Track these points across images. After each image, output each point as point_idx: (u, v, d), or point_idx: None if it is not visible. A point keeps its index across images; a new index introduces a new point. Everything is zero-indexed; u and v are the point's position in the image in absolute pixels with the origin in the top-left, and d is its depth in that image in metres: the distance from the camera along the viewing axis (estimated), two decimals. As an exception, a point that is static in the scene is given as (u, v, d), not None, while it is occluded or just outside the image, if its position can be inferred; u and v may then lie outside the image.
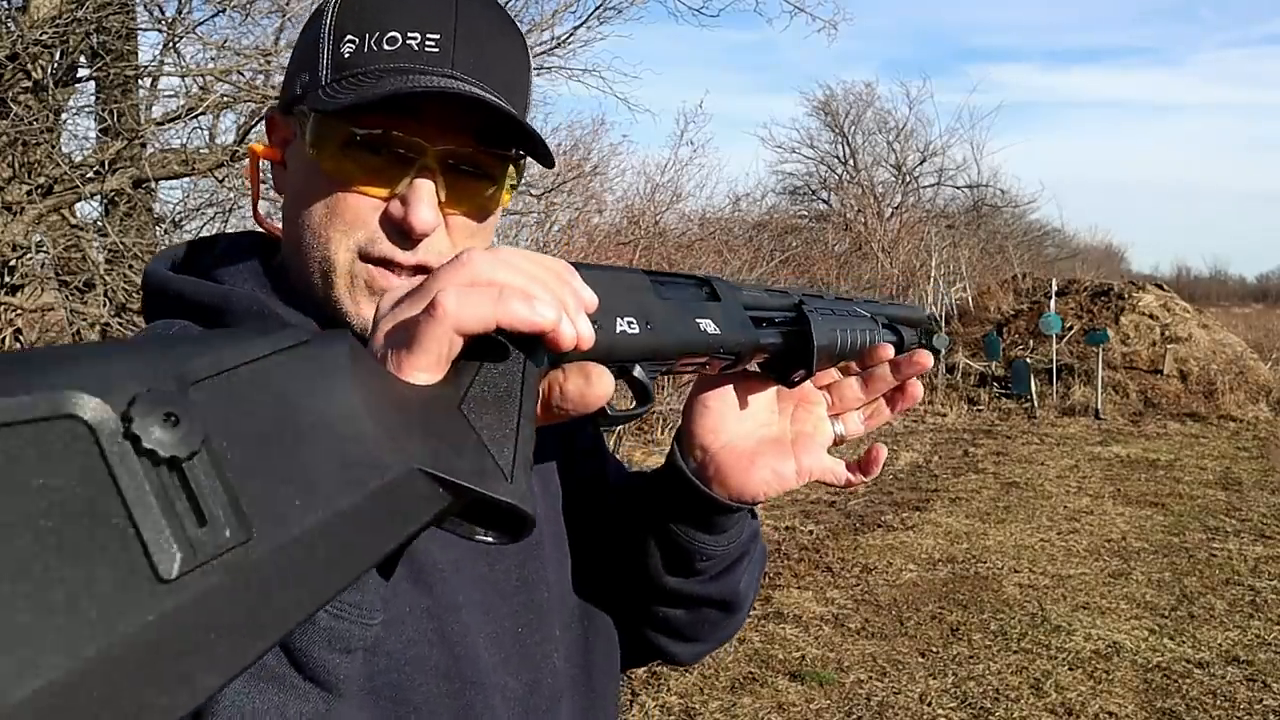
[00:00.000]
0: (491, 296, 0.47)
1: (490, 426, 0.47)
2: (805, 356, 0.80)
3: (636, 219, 9.99)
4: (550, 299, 0.50)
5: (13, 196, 4.46)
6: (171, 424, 0.31)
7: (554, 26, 6.12)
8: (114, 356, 0.33)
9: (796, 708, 3.81)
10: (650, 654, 1.00)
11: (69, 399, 0.29)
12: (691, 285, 0.73)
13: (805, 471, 0.87)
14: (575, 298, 0.53)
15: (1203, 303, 23.56)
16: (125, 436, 0.30)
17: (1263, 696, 3.99)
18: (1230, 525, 6.70)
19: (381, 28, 0.74)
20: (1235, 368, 12.19)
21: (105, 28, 4.61)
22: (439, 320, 0.47)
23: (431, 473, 0.42)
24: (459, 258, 0.50)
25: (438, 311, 0.47)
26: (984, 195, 23.00)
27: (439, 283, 0.48)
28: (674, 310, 0.67)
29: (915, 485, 7.96)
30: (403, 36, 0.73)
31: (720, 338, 0.71)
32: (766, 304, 0.81)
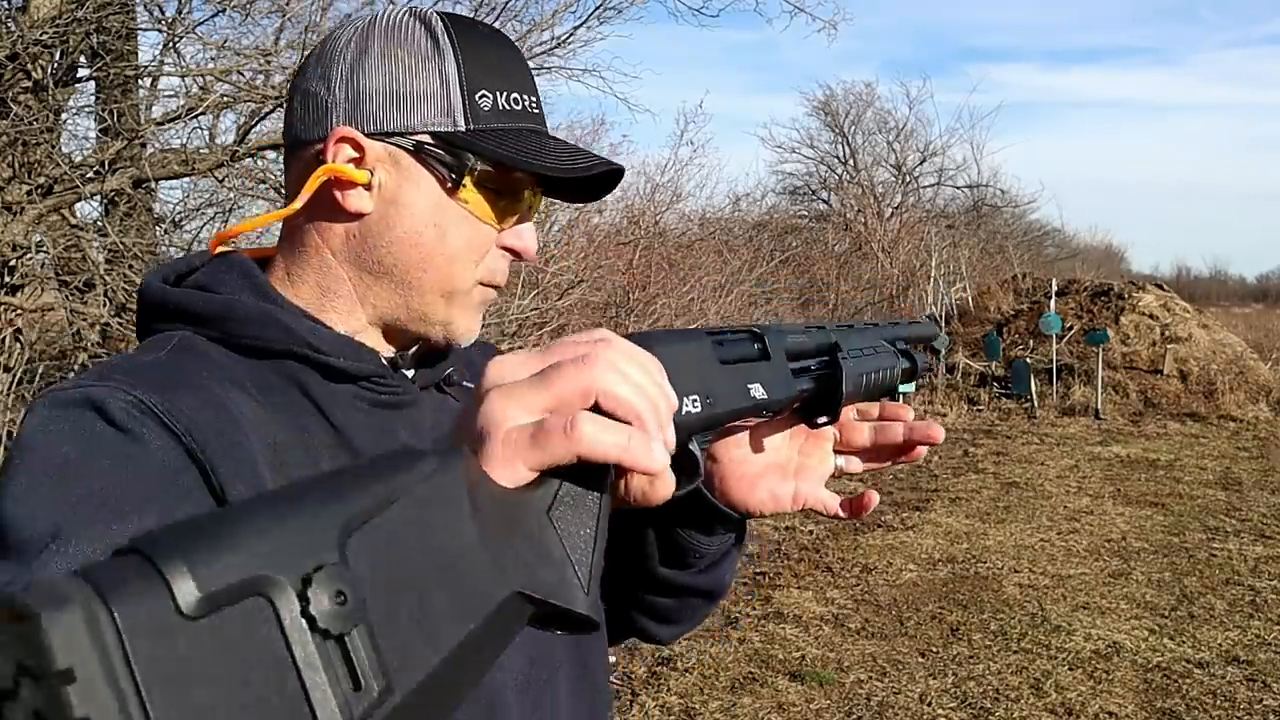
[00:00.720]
0: (623, 440, 0.49)
1: (572, 535, 0.50)
2: (832, 404, 0.82)
3: (636, 219, 9.99)
4: (660, 438, 0.52)
5: (13, 196, 4.46)
6: (340, 602, 0.37)
7: (554, 26, 6.12)
8: (288, 520, 0.38)
9: (796, 708, 3.81)
10: (631, 633, 1.07)
11: (259, 581, 0.35)
12: (745, 341, 0.74)
13: (801, 499, 0.95)
14: (669, 414, 0.54)
15: (1203, 303, 23.56)
16: (302, 614, 0.36)
17: (1263, 696, 3.99)
18: (1230, 525, 6.70)
19: (506, 86, 0.84)
20: (1235, 368, 12.20)
21: (105, 28, 4.61)
22: (572, 442, 0.48)
23: (527, 594, 0.46)
24: (586, 359, 0.51)
25: (574, 435, 0.48)
26: (984, 195, 23.01)
27: (571, 389, 0.50)
28: (731, 379, 0.69)
29: (915, 485, 7.96)
30: (523, 97, 0.84)
31: (767, 401, 0.73)
32: (806, 349, 0.83)
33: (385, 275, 0.83)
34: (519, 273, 7.19)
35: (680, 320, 9.22)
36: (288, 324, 0.81)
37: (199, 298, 0.81)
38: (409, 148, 0.81)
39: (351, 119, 0.81)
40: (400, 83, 0.81)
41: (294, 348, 0.80)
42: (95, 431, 0.70)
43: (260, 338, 0.80)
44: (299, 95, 0.85)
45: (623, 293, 9.02)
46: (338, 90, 0.82)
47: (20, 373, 4.68)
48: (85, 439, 0.70)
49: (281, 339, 0.80)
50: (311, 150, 0.82)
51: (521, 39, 5.88)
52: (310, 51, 0.88)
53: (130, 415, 0.71)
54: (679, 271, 9.85)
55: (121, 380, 0.73)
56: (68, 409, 0.71)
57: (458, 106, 0.81)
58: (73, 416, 0.71)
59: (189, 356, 0.78)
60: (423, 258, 0.83)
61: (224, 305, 0.80)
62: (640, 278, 9.21)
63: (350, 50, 0.82)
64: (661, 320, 9.12)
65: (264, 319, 0.80)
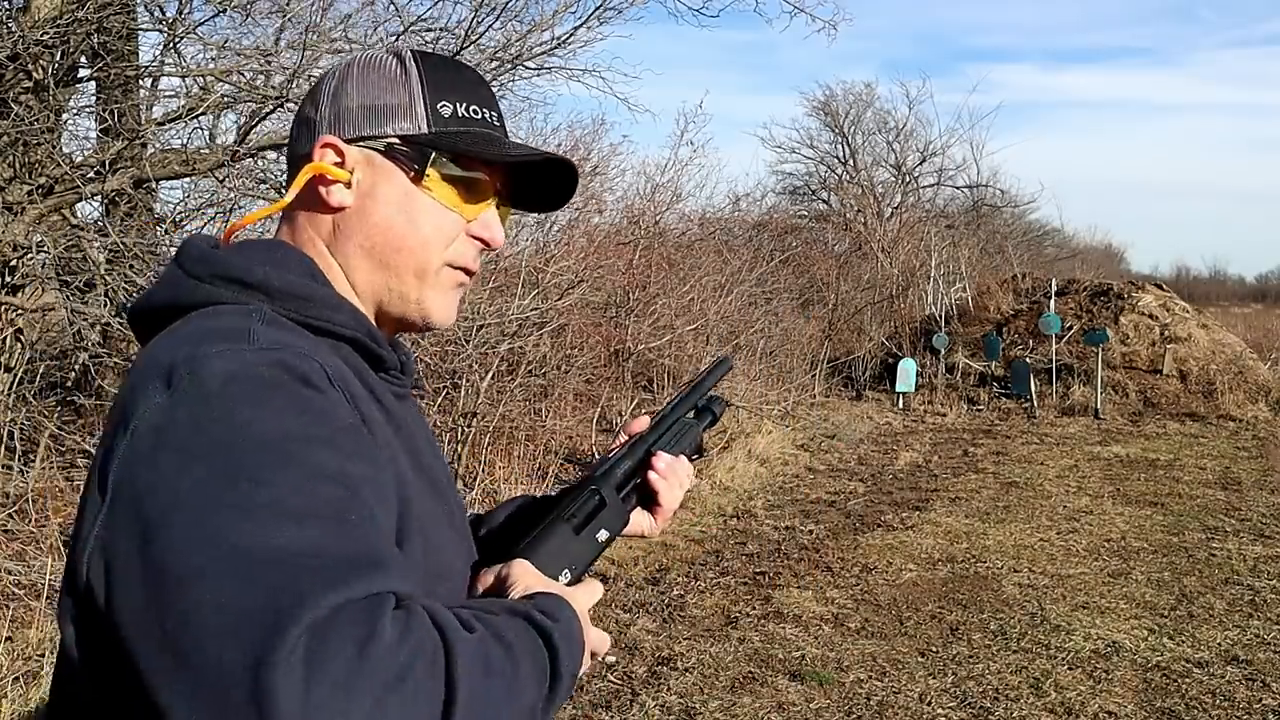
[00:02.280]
0: None
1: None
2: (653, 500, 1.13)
3: (636, 219, 9.99)
4: None
5: (13, 196, 4.47)
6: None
7: (554, 26, 6.12)
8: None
9: (796, 707, 3.81)
10: None
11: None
12: (590, 498, 1.03)
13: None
14: None
15: (1202, 303, 23.55)
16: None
17: (1262, 696, 3.99)
18: (1230, 525, 6.71)
19: (466, 100, 0.99)
20: (1234, 368, 12.20)
21: (106, 28, 4.62)
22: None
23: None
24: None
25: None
26: (984, 195, 23.01)
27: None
28: (585, 541, 1.01)
29: (915, 485, 7.96)
30: (482, 110, 1.00)
31: (609, 537, 1.03)
32: (630, 471, 1.11)
33: (365, 258, 0.97)
34: (519, 273, 7.20)
35: (680, 320, 9.23)
36: (353, 312, 0.92)
37: (287, 277, 0.89)
38: (380, 149, 0.96)
39: (334, 129, 0.97)
40: (373, 98, 0.97)
41: (360, 335, 0.92)
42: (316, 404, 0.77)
43: (332, 321, 0.90)
44: (298, 123, 1.00)
45: (623, 293, 9.03)
46: (324, 109, 0.98)
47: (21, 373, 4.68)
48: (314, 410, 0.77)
49: (350, 325, 0.91)
50: (305, 161, 0.97)
51: (522, 39, 5.88)
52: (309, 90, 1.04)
53: (325, 381, 0.80)
54: (679, 271, 9.85)
55: (295, 346, 0.81)
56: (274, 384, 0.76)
57: (421, 113, 0.97)
58: (287, 389, 0.76)
59: (299, 333, 0.86)
60: (395, 241, 0.96)
61: (305, 286, 0.90)
62: (640, 278, 9.21)
63: (334, 79, 0.99)
64: (662, 320, 9.13)
65: (337, 304, 0.91)
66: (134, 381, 0.81)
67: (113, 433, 0.78)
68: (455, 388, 6.58)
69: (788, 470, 8.39)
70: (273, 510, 0.69)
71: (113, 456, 0.75)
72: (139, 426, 0.74)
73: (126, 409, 0.78)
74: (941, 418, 11.61)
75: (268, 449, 0.72)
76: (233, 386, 0.75)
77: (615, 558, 5.57)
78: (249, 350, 0.78)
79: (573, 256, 7.98)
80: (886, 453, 9.36)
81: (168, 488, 0.71)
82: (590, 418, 7.91)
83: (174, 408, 0.74)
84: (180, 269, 0.91)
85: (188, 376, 0.76)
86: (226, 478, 0.70)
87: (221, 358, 0.77)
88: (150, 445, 0.73)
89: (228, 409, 0.74)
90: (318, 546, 0.68)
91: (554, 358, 7.75)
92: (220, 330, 0.81)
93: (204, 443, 0.72)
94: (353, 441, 0.78)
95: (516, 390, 7.03)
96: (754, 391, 10.08)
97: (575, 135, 9.41)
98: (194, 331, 0.82)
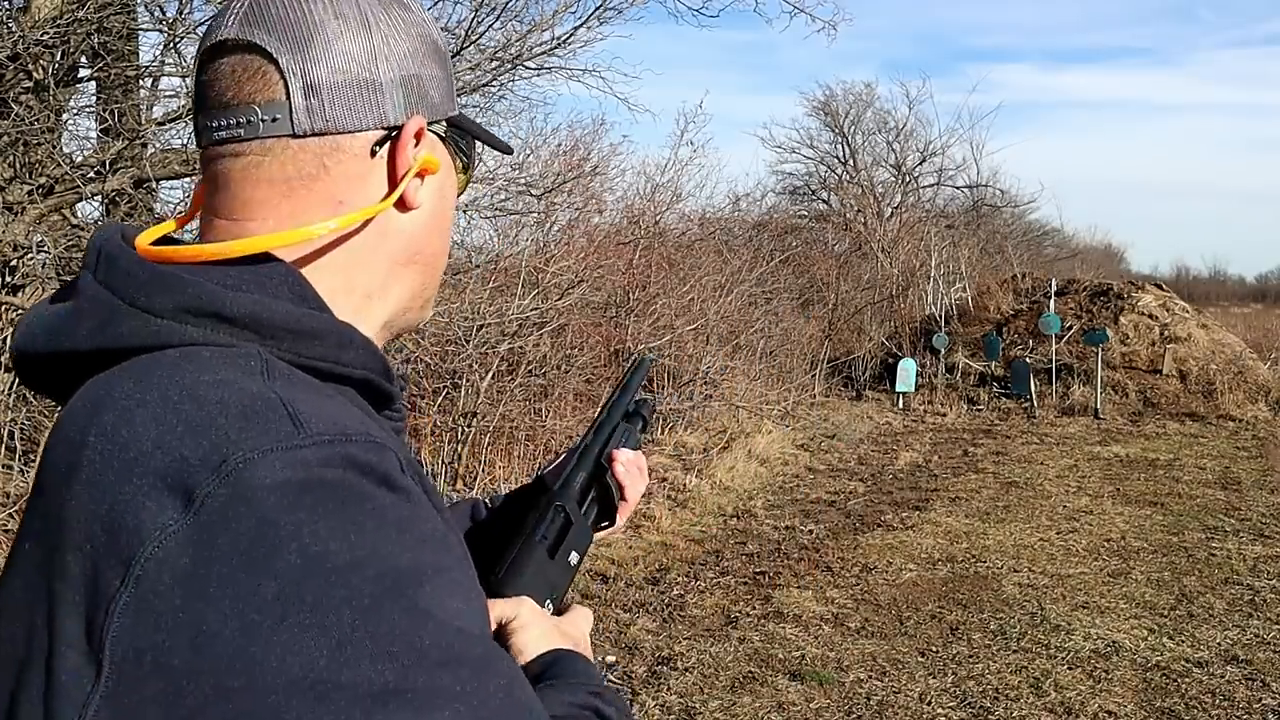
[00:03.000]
0: None
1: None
2: (611, 514, 1.06)
3: (636, 219, 10.00)
4: None
5: (14, 197, 4.47)
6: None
7: (554, 26, 6.13)
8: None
9: (796, 707, 3.81)
10: None
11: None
12: (558, 518, 0.98)
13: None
14: None
15: (1202, 303, 23.55)
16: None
17: (1262, 696, 3.99)
18: (1229, 525, 6.71)
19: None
20: (1234, 368, 12.20)
21: (106, 28, 4.62)
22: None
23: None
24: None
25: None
26: (984, 195, 23.02)
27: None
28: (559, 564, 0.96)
29: (915, 485, 7.97)
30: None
31: (580, 558, 0.98)
32: (585, 483, 1.05)
33: (419, 265, 0.77)
34: (519, 273, 7.20)
35: (680, 320, 9.23)
36: (367, 346, 0.69)
37: (278, 306, 0.65)
38: (441, 134, 0.77)
39: (410, 105, 0.73)
40: (419, 64, 0.74)
41: (372, 376, 0.69)
42: (409, 517, 0.58)
43: (340, 362, 0.67)
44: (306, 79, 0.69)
45: (623, 293, 9.03)
46: (381, 71, 0.72)
47: (21, 372, 4.68)
48: (413, 527, 0.58)
49: (359, 363, 0.68)
50: (358, 140, 0.71)
51: (522, 39, 5.88)
52: (258, 10, 0.70)
53: (403, 476, 0.60)
54: (679, 271, 9.85)
55: (359, 433, 0.59)
56: (353, 496, 0.56)
57: (452, 89, 0.79)
58: (372, 501, 0.56)
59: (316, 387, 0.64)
60: (447, 242, 0.81)
61: (305, 318, 0.66)
62: (640, 278, 9.21)
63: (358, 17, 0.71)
64: (661, 320, 9.13)
65: (347, 338, 0.68)
66: (101, 493, 0.54)
67: (91, 573, 0.53)
68: (455, 388, 6.59)
69: (788, 470, 8.39)
70: (414, 697, 0.51)
71: (103, 611, 0.52)
72: (150, 570, 0.51)
73: (109, 537, 0.53)
74: (941, 418, 11.61)
75: (380, 601, 0.52)
76: (298, 507, 0.53)
77: (615, 558, 5.57)
78: (305, 444, 0.55)
79: (573, 256, 7.99)
80: (886, 453, 9.36)
81: (231, 677, 0.49)
82: (590, 418, 7.90)
83: (211, 542, 0.51)
84: (110, 292, 0.63)
85: (222, 491, 0.52)
86: (329, 653, 0.50)
87: (268, 461, 0.54)
88: (181, 602, 0.50)
89: (303, 544, 0.52)
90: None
91: (554, 358, 7.75)
92: (235, 404, 0.57)
93: (278, 597, 0.50)
94: (456, 556, 0.61)
95: (516, 390, 7.03)
96: (754, 391, 10.09)
97: (575, 135, 9.43)
98: (183, 401, 0.57)
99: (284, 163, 0.70)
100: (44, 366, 0.66)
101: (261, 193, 0.70)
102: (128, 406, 0.57)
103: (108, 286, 0.64)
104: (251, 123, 0.69)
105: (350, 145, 0.71)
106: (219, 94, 0.70)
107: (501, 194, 6.68)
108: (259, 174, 0.70)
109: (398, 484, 0.58)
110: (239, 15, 0.69)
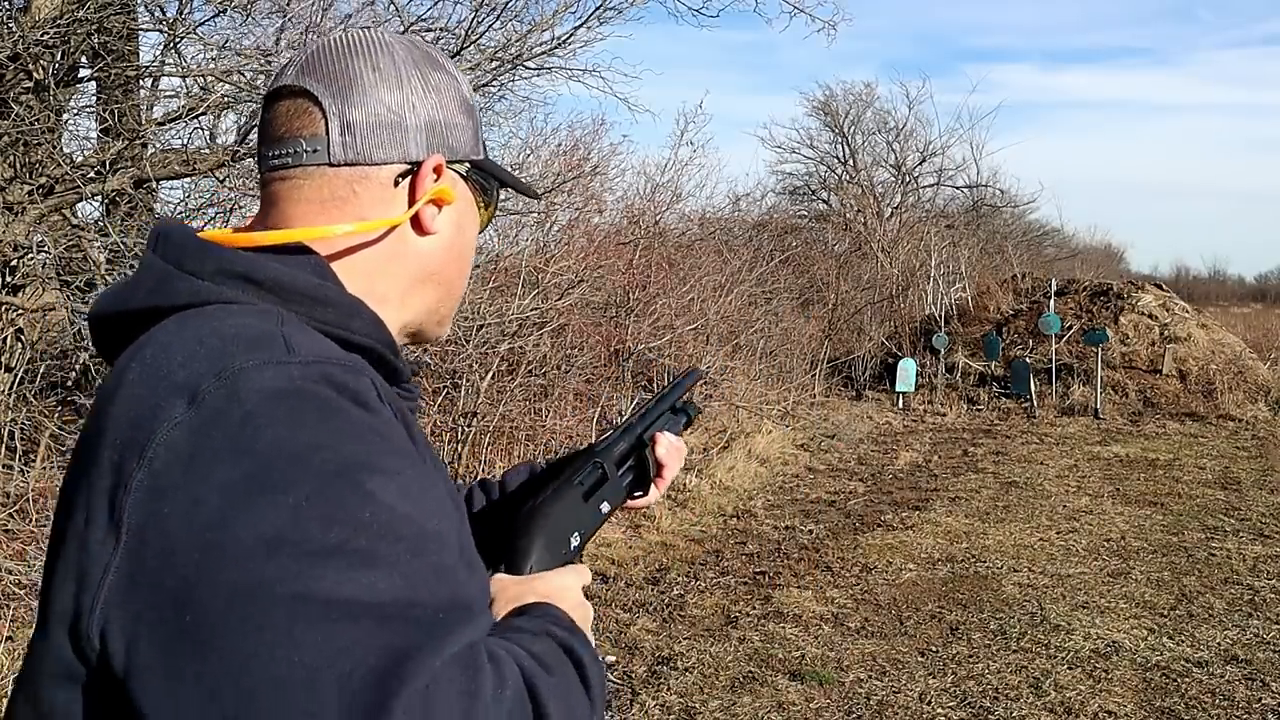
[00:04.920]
0: None
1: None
2: (645, 485, 1.17)
3: (636, 219, 9.99)
4: None
5: (14, 197, 4.47)
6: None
7: (554, 26, 6.12)
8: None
9: (796, 707, 3.82)
10: None
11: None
12: (595, 471, 1.08)
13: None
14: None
15: (1202, 303, 23.55)
16: None
17: (1261, 695, 4.00)
18: (1229, 525, 6.71)
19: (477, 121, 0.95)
20: (1234, 367, 12.20)
21: (106, 28, 4.62)
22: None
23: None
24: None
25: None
26: (983, 195, 23.02)
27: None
28: (591, 509, 1.05)
29: (915, 485, 7.97)
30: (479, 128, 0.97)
31: (610, 509, 1.09)
32: (626, 452, 1.15)
33: (436, 284, 0.90)
34: (519, 273, 7.20)
35: (680, 320, 9.23)
36: (373, 320, 0.82)
37: (300, 275, 0.78)
38: (463, 174, 0.91)
39: (433, 146, 0.88)
40: (448, 113, 0.89)
41: (378, 346, 0.81)
42: (374, 428, 0.69)
43: (349, 329, 0.79)
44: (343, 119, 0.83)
45: (623, 293, 9.02)
46: (411, 114, 0.86)
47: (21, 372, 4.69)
48: (374, 435, 0.68)
49: (368, 333, 0.80)
50: (384, 171, 0.85)
51: (522, 39, 5.88)
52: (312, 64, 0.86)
53: (377, 399, 0.72)
54: (679, 271, 9.85)
55: (339, 358, 0.72)
56: (326, 404, 0.67)
57: (477, 134, 0.92)
58: (342, 410, 0.67)
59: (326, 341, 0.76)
60: (465, 268, 0.94)
61: (320, 288, 0.79)
62: (640, 278, 9.21)
63: (394, 74, 0.86)
64: (661, 320, 9.13)
65: (355, 309, 0.80)
66: (133, 403, 0.67)
67: (118, 461, 0.64)
68: (455, 388, 6.58)
69: (788, 470, 8.39)
70: (351, 556, 0.60)
71: (123, 488, 0.63)
72: (159, 453, 0.63)
73: (133, 432, 0.65)
74: (941, 418, 11.61)
75: (332, 481, 0.62)
76: (278, 405, 0.64)
77: (615, 557, 5.57)
78: (292, 361, 0.67)
79: (573, 256, 7.98)
80: (886, 452, 9.36)
81: (211, 534, 0.60)
82: (590, 418, 7.90)
83: (206, 430, 0.63)
84: (165, 262, 0.77)
85: (220, 391, 0.64)
86: (287, 518, 0.60)
87: (260, 371, 0.66)
88: (179, 477, 0.62)
89: (277, 433, 0.63)
90: (409, 596, 0.61)
91: (554, 358, 7.75)
92: (246, 336, 0.69)
93: (252, 474, 0.61)
94: (416, 468, 0.70)
95: (516, 390, 7.03)
96: (754, 391, 10.08)
97: (575, 135, 9.41)
98: (209, 336, 0.69)
99: (320, 185, 0.84)
100: (110, 328, 0.79)
101: (301, 209, 0.84)
102: (166, 341, 0.70)
103: (163, 258, 0.77)
104: (297, 152, 0.84)
105: (377, 175, 0.85)
106: (275, 128, 0.85)
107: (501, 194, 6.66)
108: (300, 194, 0.84)
109: (369, 404, 0.70)
110: (298, 66, 0.85)
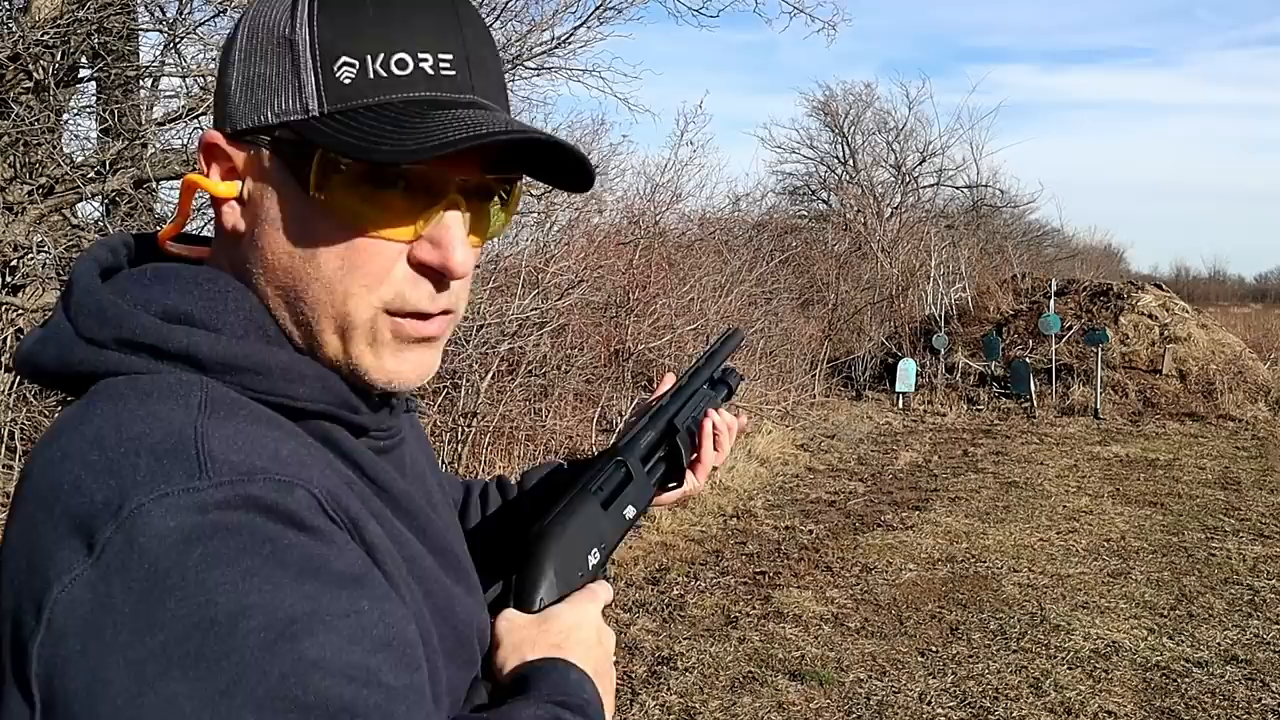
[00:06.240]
0: None
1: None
2: (680, 475, 1.07)
3: (636, 219, 9.99)
4: None
5: (14, 197, 4.47)
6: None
7: (554, 26, 6.14)
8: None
9: (796, 707, 3.82)
10: None
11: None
12: (616, 472, 0.96)
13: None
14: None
15: (1201, 303, 23.53)
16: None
17: (1261, 695, 4.00)
18: (1229, 525, 6.71)
19: (385, 48, 0.64)
20: (1234, 368, 12.20)
21: (106, 28, 4.62)
22: None
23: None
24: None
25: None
26: (983, 195, 23.03)
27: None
28: (613, 517, 0.94)
29: (915, 485, 7.97)
30: (413, 59, 0.64)
31: (637, 513, 0.97)
32: (654, 443, 1.04)
33: (282, 304, 0.68)
34: (519, 273, 7.20)
35: (680, 320, 9.23)
36: (320, 379, 0.67)
37: (221, 341, 0.64)
38: (266, 144, 0.66)
39: (222, 117, 0.68)
40: (253, 65, 0.66)
41: (331, 408, 0.68)
42: (316, 557, 0.56)
43: (293, 396, 0.66)
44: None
45: (623, 293, 9.03)
46: (226, 79, 0.69)
47: (22, 373, 4.68)
48: (317, 568, 0.55)
49: (316, 398, 0.67)
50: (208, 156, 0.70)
51: (522, 39, 5.89)
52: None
53: (319, 513, 0.58)
54: (679, 271, 9.85)
55: (270, 470, 0.57)
56: (252, 540, 0.54)
57: (308, 85, 0.64)
58: (273, 544, 0.55)
59: (255, 417, 0.62)
60: (297, 284, 0.66)
61: (251, 354, 0.65)
62: (640, 278, 9.21)
63: (236, 31, 0.69)
64: (661, 320, 9.13)
65: (296, 372, 0.66)
66: (29, 529, 0.56)
67: (14, 609, 0.54)
68: (455, 388, 6.59)
69: (788, 470, 8.39)
70: None
71: (25, 654, 0.53)
72: (56, 614, 0.52)
73: (29, 577, 0.54)
74: (941, 418, 11.61)
75: (263, 657, 0.51)
76: (187, 554, 0.52)
77: (615, 557, 5.57)
78: (203, 486, 0.54)
79: (573, 256, 7.99)
80: (886, 453, 9.36)
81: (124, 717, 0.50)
82: (590, 418, 7.91)
83: (107, 589, 0.52)
84: (68, 319, 0.65)
85: (118, 538, 0.52)
86: (213, 700, 0.50)
87: (161, 507, 0.53)
88: (80, 646, 0.51)
89: (188, 596, 0.51)
90: None
91: (554, 358, 7.75)
92: (150, 442, 0.56)
93: (163, 650, 0.50)
94: (370, 596, 0.57)
95: (516, 390, 7.04)
96: (754, 391, 10.09)
97: (575, 135, 9.42)
98: (110, 437, 0.57)
99: None
100: (38, 380, 0.69)
101: None
102: (67, 440, 0.59)
103: (66, 314, 0.65)
104: None
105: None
106: None
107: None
108: None
109: (305, 523, 0.57)
110: None
